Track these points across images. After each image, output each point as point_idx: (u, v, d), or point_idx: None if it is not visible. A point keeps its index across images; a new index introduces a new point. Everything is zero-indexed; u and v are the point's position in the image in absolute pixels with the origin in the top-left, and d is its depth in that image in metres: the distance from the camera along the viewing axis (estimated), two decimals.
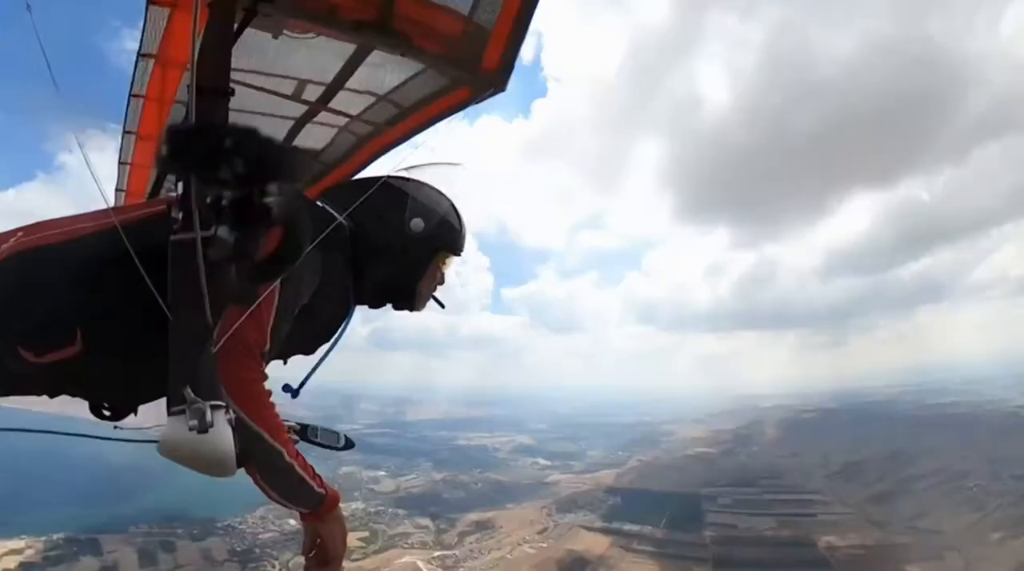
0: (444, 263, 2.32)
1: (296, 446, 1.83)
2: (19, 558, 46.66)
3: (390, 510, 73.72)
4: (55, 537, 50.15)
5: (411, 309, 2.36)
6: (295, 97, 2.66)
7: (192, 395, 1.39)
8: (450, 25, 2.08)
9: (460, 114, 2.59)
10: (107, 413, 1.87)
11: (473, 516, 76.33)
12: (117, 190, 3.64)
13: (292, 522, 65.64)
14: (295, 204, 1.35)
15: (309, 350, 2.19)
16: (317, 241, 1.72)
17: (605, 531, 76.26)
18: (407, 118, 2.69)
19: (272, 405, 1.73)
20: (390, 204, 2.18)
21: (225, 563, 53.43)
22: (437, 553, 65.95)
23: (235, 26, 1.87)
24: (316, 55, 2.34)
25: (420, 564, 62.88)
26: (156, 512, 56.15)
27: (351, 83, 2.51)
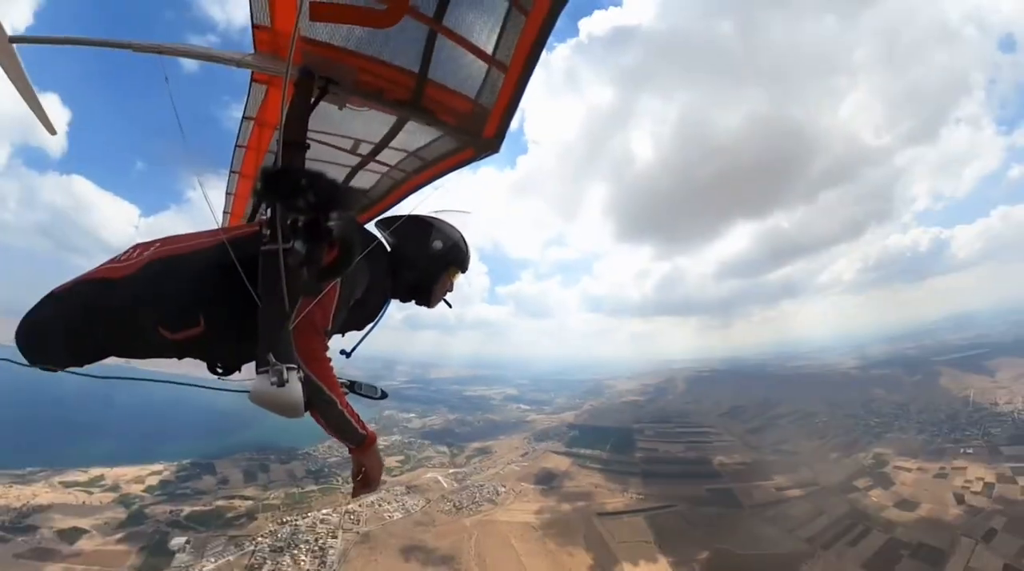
0: (453, 276, 2.35)
1: (346, 397, 1.88)
2: (159, 477, 46.75)
3: (418, 441, 74.12)
4: (184, 462, 50.02)
5: (427, 305, 2.39)
6: (352, 151, 2.68)
7: (273, 359, 1.46)
8: (462, 104, 2.11)
9: (466, 168, 2.61)
10: (219, 371, 1.89)
11: (476, 444, 77.06)
12: (224, 213, 3.65)
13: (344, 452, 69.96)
14: (349, 226, 1.42)
15: (359, 328, 2.24)
16: (364, 253, 1.79)
17: (567, 454, 75.97)
18: (428, 169, 2.70)
19: (331, 367, 1.78)
20: (420, 231, 2.27)
21: (303, 479, 53.21)
22: (451, 470, 66.13)
23: (312, 99, 1.90)
24: (368, 122, 2.36)
25: (440, 478, 62.98)
26: (254, 444, 55.90)
27: (392, 143, 2.54)
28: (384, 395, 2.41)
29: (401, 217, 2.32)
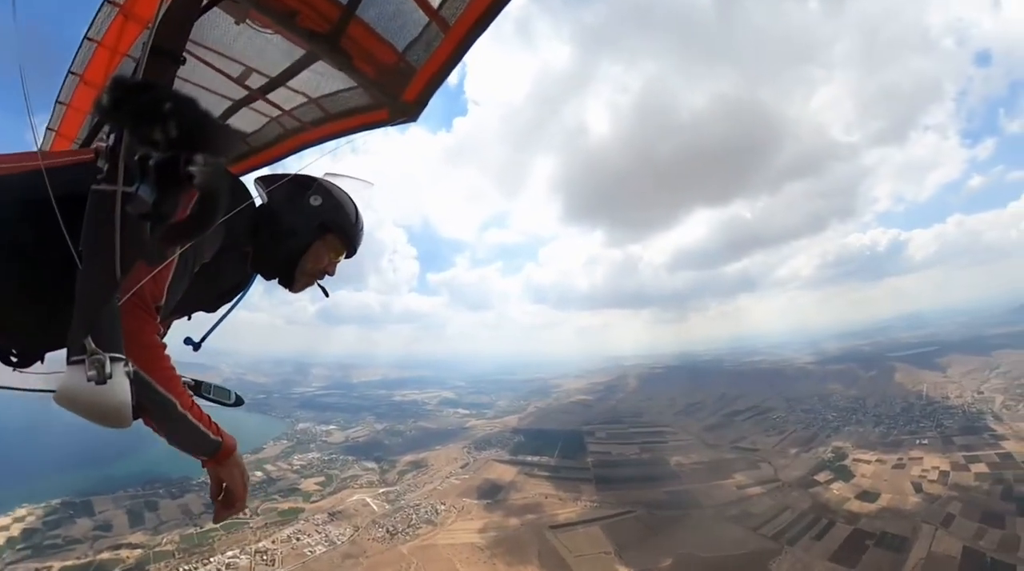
0: (332, 251, 2.00)
1: (192, 398, 1.57)
2: (21, 526, 42.23)
3: (341, 457, 71.82)
4: (53, 503, 45.13)
5: (289, 286, 2.00)
6: (239, 81, 2.38)
7: (93, 345, 1.15)
8: (386, 56, 2.02)
9: (377, 131, 2.43)
10: (13, 360, 1.48)
11: (409, 457, 75.58)
12: (48, 129, 3.02)
13: (259, 473, 62.75)
14: (216, 177, 1.08)
15: (211, 308, 1.93)
16: (229, 215, 1.36)
17: (512, 462, 77.17)
18: (329, 123, 2.51)
19: (166, 357, 1.48)
20: (300, 187, 1.98)
21: (201, 515, 49.02)
22: (382, 490, 64.28)
23: (204, 0, 1.70)
24: (268, 50, 2.16)
25: (368, 500, 60.93)
26: (138, 475, 51.36)
27: (292, 82, 2.32)
28: (239, 401, 2.03)
29: (285, 176, 2.00)
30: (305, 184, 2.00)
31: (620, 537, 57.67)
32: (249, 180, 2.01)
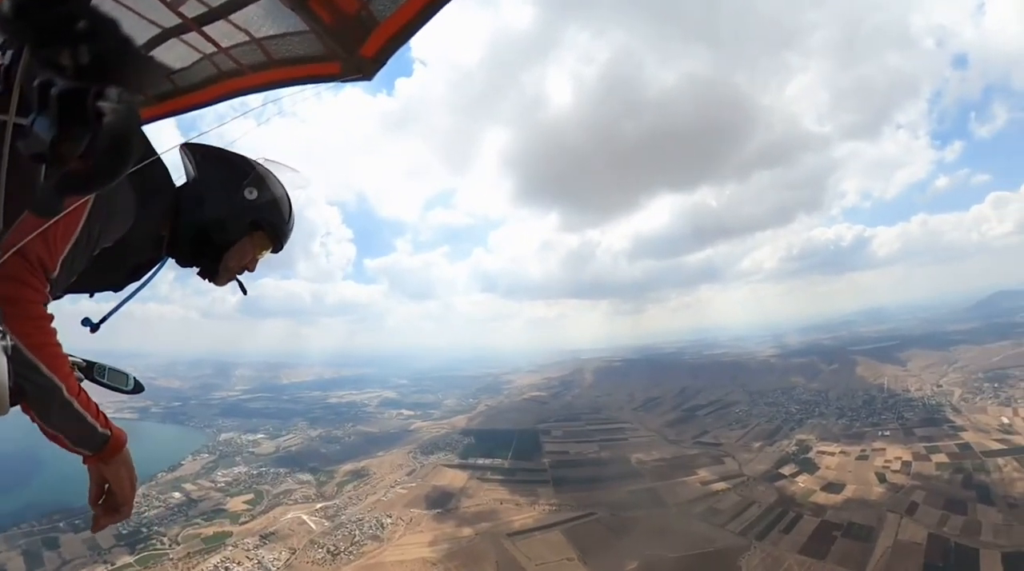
0: (259, 246, 2.03)
1: (80, 383, 1.49)
2: None
3: (272, 470, 69.32)
4: None
5: (212, 279, 2.00)
6: (172, 6, 2.18)
7: None
8: (347, 1, 1.94)
9: (322, 87, 2.33)
10: None
11: (349, 466, 74.23)
12: None
13: (177, 494, 58.91)
14: (131, 118, 0.96)
15: (118, 287, 1.88)
16: (141, 165, 1.30)
17: (463, 467, 77.22)
18: (270, 70, 2.37)
19: (52, 332, 1.37)
20: (235, 170, 1.95)
21: (113, 549, 45.84)
22: (320, 505, 62.54)
23: None
24: None
25: (305, 517, 59.10)
26: (34, 506, 47.90)
27: (234, 16, 2.15)
28: (139, 387, 1.95)
29: (218, 150, 1.96)
30: (240, 168, 1.92)
31: (582, 541, 58.95)
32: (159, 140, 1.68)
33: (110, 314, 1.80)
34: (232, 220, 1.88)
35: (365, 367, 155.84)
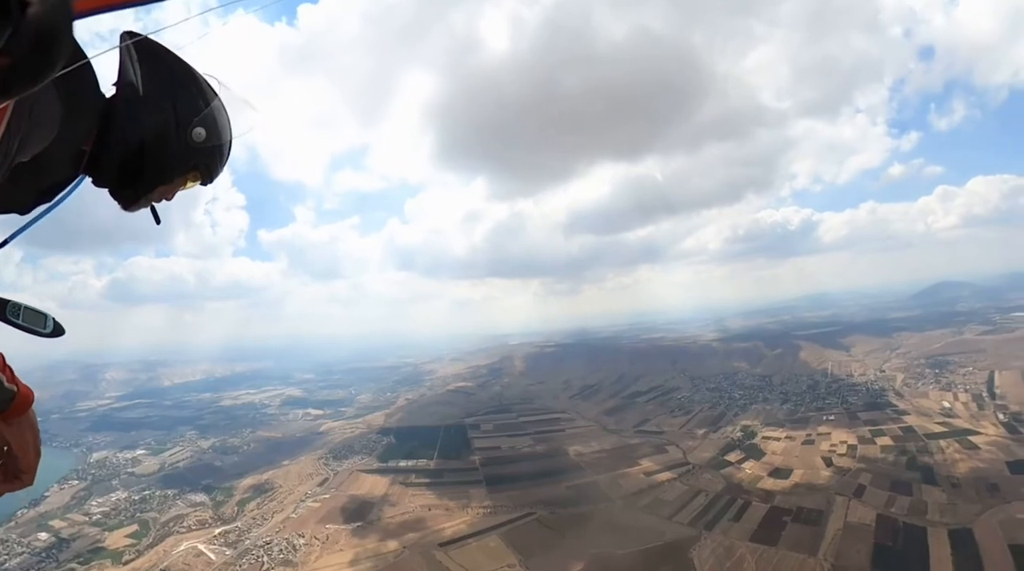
0: (188, 182, 2.10)
1: None
2: None
3: (158, 493, 64.95)
4: None
5: (127, 205, 2.02)
6: None
7: None
8: None
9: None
10: None
11: (250, 480, 70.70)
12: None
13: (43, 535, 53.74)
14: (62, 9, 0.88)
15: (25, 209, 1.82)
16: (69, 68, 1.29)
17: (382, 471, 75.87)
18: None
19: None
20: (187, 97, 1.94)
21: None
22: (219, 530, 59.10)
23: None
24: None
25: (202, 547, 55.55)
26: None
27: None
28: (59, 330, 1.88)
29: (169, 56, 1.92)
30: (192, 96, 1.88)
31: (523, 544, 59.37)
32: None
33: (14, 236, 1.72)
34: (173, 161, 1.86)
35: (263, 361, 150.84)
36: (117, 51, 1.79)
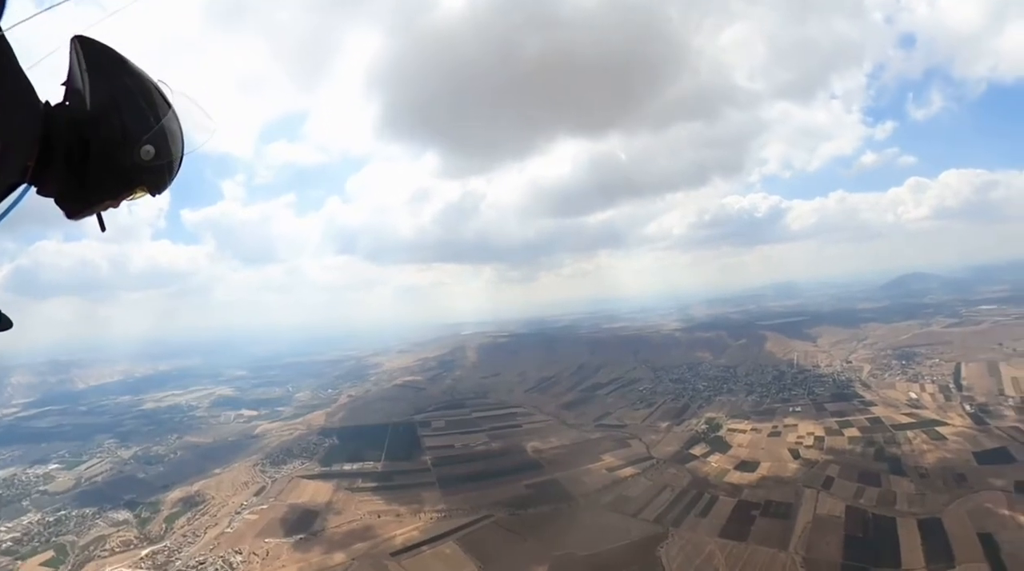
0: (136, 195, 2.16)
1: None
2: None
3: (74, 513, 61.53)
4: None
5: (71, 215, 2.09)
6: None
7: None
8: None
9: None
10: None
11: (178, 493, 68.27)
12: None
13: None
14: None
15: None
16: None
17: (326, 476, 74.87)
18: None
19: None
20: (139, 113, 1.96)
21: None
22: (146, 551, 57.00)
23: None
24: None
25: None
26: None
27: None
28: (6, 324, 2.03)
29: (120, 63, 1.94)
30: (142, 111, 1.91)
31: (481, 550, 59.05)
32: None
33: None
34: (120, 178, 1.91)
35: (189, 358, 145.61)
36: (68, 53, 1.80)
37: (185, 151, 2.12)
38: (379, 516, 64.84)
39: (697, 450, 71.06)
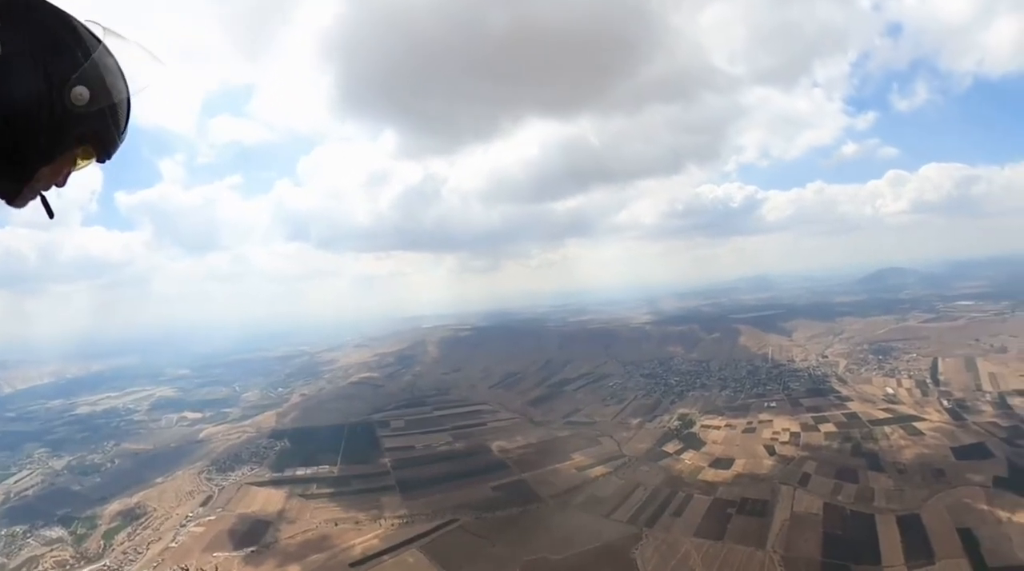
0: (80, 159, 1.94)
1: None
2: None
3: (3, 531, 59.89)
4: None
5: (11, 199, 1.88)
6: None
7: None
8: None
9: None
10: None
11: (117, 506, 65.53)
12: None
13: None
14: None
15: None
16: None
17: (278, 483, 73.12)
18: None
19: None
20: (64, 50, 1.69)
21: None
22: (85, 570, 55.17)
23: None
24: None
25: None
26: None
27: None
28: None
29: (37, 4, 1.72)
30: (65, 46, 1.65)
31: (447, 557, 58.38)
32: None
33: None
34: (52, 133, 1.67)
35: (126, 356, 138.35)
36: None
37: (131, 92, 1.81)
38: (336, 524, 63.67)
39: (670, 447, 71.94)
